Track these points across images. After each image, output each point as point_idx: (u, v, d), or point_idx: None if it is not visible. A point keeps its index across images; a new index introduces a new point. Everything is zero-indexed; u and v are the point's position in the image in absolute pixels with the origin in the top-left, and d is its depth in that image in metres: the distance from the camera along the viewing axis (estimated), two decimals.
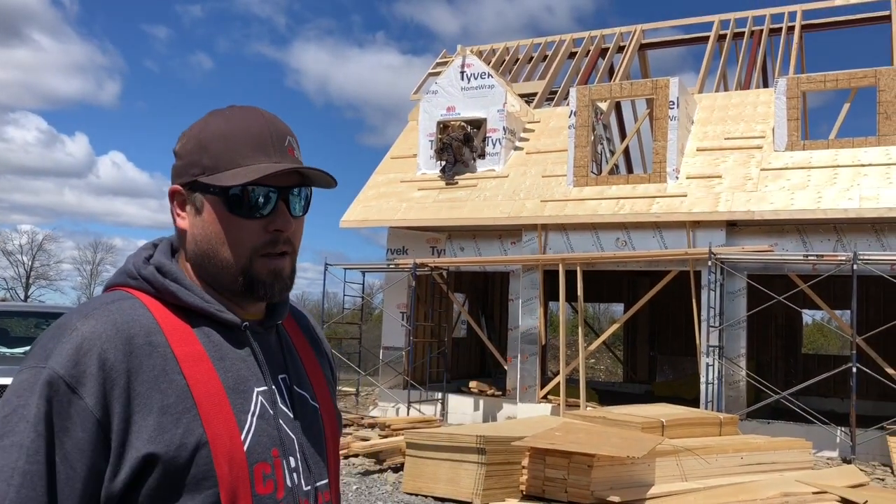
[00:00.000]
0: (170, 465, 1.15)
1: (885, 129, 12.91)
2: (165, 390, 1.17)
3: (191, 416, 1.17)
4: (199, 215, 1.27)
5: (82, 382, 1.12)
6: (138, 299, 1.24)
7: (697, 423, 9.53)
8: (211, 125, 1.29)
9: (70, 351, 1.14)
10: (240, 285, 1.27)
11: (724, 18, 18.72)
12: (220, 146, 1.26)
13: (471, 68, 16.38)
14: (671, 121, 13.96)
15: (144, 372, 1.17)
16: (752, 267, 13.03)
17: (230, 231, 1.26)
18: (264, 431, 1.25)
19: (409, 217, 15.48)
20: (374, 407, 16.18)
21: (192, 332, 1.24)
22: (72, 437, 1.11)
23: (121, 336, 1.17)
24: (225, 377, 1.24)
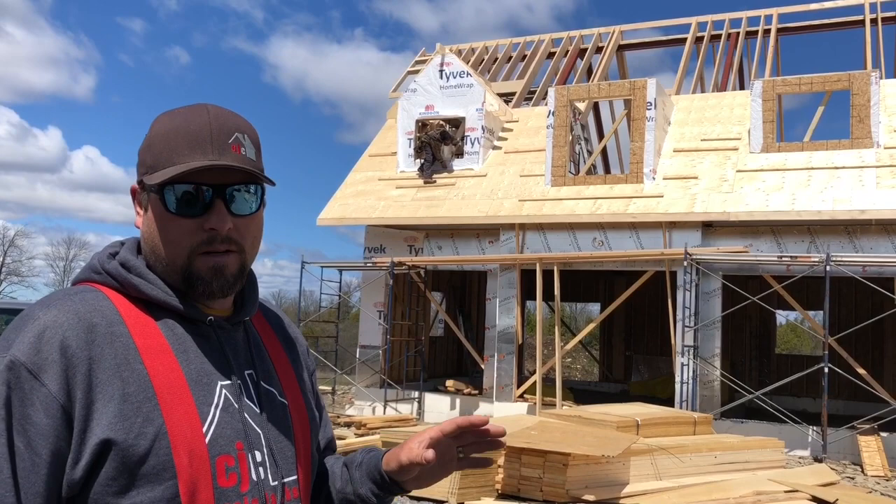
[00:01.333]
0: (127, 452, 1.14)
1: (858, 132, 13.07)
2: (127, 379, 1.17)
3: (151, 406, 1.17)
4: (146, 213, 1.30)
5: (44, 369, 1.13)
6: (101, 292, 1.26)
7: (672, 422, 9.60)
8: (158, 124, 1.31)
9: (31, 339, 1.14)
10: (179, 283, 1.28)
11: (701, 20, 18.86)
12: (160, 145, 1.27)
13: (450, 67, 16.37)
14: (648, 122, 14.04)
15: (106, 360, 1.17)
16: (727, 267, 13.15)
17: (168, 229, 1.27)
18: (228, 424, 1.25)
19: (387, 215, 15.44)
20: (350, 406, 16.13)
21: (156, 324, 1.25)
22: (34, 424, 1.11)
23: (82, 324, 1.18)
24: (188, 369, 1.24)
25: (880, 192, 12.11)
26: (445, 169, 15.89)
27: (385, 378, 15.12)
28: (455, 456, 1.42)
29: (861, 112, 13.07)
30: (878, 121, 13.08)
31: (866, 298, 15.41)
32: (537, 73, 19.19)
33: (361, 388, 15.75)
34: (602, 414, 9.14)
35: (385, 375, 15.21)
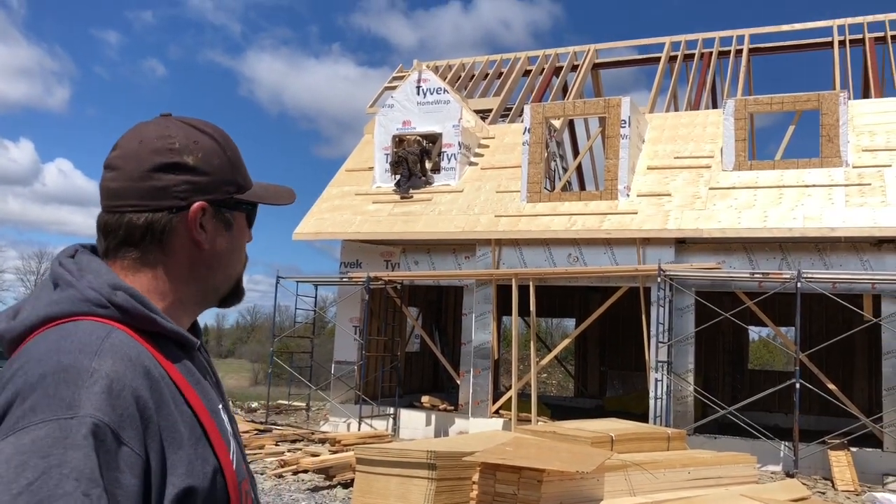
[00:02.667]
0: (202, 496, 1.14)
1: (827, 151, 13.31)
2: (184, 422, 1.16)
3: (204, 445, 1.17)
4: (229, 231, 1.31)
5: (124, 426, 1.06)
6: (121, 330, 1.17)
7: (646, 437, 9.64)
8: (224, 140, 1.32)
9: (102, 395, 1.05)
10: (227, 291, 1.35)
11: (675, 40, 19.14)
12: (242, 164, 1.34)
13: (427, 83, 16.44)
14: (623, 139, 14.19)
15: (166, 405, 1.13)
16: (701, 284, 13.28)
17: (245, 243, 1.36)
18: (237, 450, 1.28)
19: (364, 230, 15.42)
20: (325, 422, 16.01)
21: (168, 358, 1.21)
22: (124, 487, 1.04)
23: (140, 371, 1.12)
24: (206, 401, 1.23)
25: (849, 211, 12.33)
26: (422, 184, 15.93)
27: (360, 394, 15.06)
28: None
29: (830, 131, 13.31)
30: (847, 140, 13.33)
31: (836, 315, 15.63)
32: (513, 90, 19.35)
33: (336, 405, 15.66)
34: (577, 430, 9.16)
35: (360, 391, 15.14)
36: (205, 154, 1.27)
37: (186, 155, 1.25)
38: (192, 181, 1.25)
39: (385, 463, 8.38)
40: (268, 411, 16.64)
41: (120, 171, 1.24)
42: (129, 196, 1.23)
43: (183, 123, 1.29)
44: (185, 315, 1.31)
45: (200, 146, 1.27)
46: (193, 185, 1.25)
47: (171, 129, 1.27)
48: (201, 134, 1.28)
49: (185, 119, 1.31)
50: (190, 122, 1.30)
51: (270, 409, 16.89)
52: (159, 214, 1.23)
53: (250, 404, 20.28)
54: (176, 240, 1.25)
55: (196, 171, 1.25)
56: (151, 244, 1.24)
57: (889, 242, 12.34)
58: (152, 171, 1.23)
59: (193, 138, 1.27)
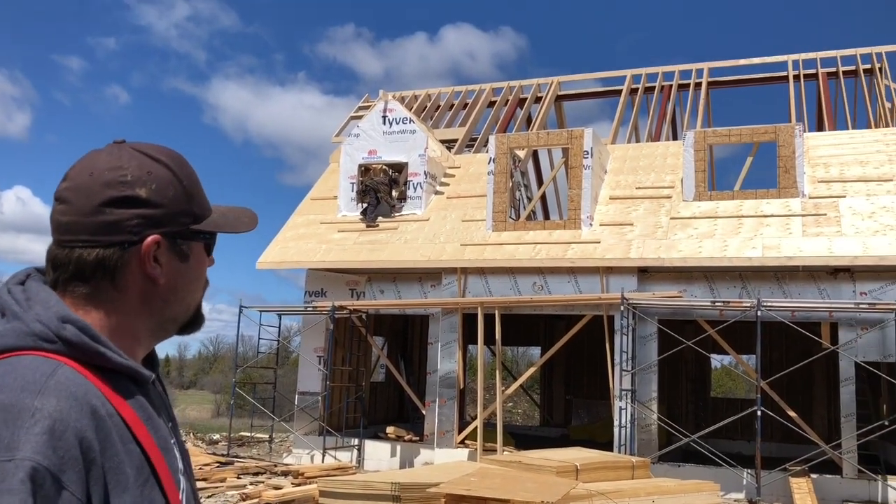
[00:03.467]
0: None
1: (784, 182, 13.63)
2: (131, 462, 1.12)
3: (151, 486, 1.14)
4: (185, 262, 1.27)
5: (64, 470, 1.01)
6: (68, 366, 1.12)
7: (611, 466, 9.66)
8: (179, 168, 1.27)
9: (43, 436, 1.01)
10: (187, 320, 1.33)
11: (636, 73, 19.54)
12: (199, 192, 1.29)
13: (393, 113, 16.54)
14: (585, 170, 14.39)
15: (112, 446, 1.09)
16: (663, 312, 13.43)
17: (204, 273, 1.33)
18: (187, 488, 1.25)
19: (329, 259, 15.36)
20: (288, 454, 15.78)
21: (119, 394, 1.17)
22: None
23: (86, 410, 1.07)
24: (157, 437, 1.19)
25: (806, 240, 12.61)
26: (389, 213, 15.95)
27: (324, 425, 14.88)
28: None
29: (787, 163, 13.65)
30: (803, 172, 13.68)
31: (796, 343, 15.88)
32: (478, 120, 19.54)
33: (300, 436, 15.45)
34: (542, 459, 9.15)
35: (324, 422, 14.96)
36: (158, 185, 1.23)
37: (139, 187, 1.21)
38: (145, 215, 1.21)
39: (349, 496, 8.28)
40: (229, 443, 16.35)
41: (70, 204, 1.20)
42: (79, 231, 1.19)
43: (136, 152, 1.24)
44: (141, 347, 1.28)
45: (154, 177, 1.23)
46: (146, 218, 1.21)
47: (123, 159, 1.22)
48: (155, 163, 1.24)
49: (138, 146, 1.26)
50: (144, 150, 1.25)
51: (232, 441, 16.61)
52: (111, 250, 1.19)
53: (212, 436, 19.91)
54: (129, 275, 1.22)
55: (149, 204, 1.21)
56: (103, 280, 1.20)
57: (844, 271, 12.63)
58: (103, 206, 1.19)
59: (147, 168, 1.23)
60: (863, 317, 12.43)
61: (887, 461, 13.63)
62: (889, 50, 17.82)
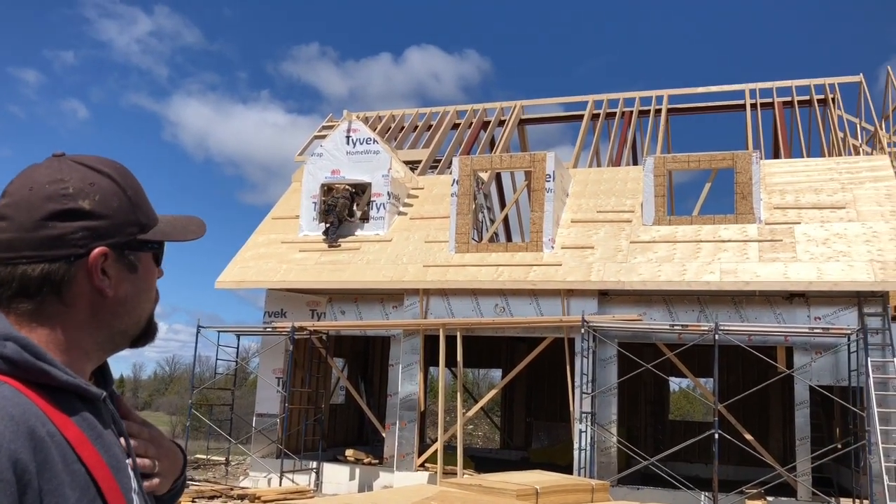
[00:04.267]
0: None
1: (741, 208, 13.89)
2: (72, 484, 1.07)
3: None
4: (134, 273, 1.24)
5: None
6: (8, 384, 1.08)
7: (570, 489, 9.64)
8: (123, 178, 1.24)
9: None
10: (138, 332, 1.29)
11: (597, 99, 19.82)
12: (144, 201, 1.27)
13: (356, 133, 16.53)
14: (548, 193, 14.51)
15: (51, 467, 1.04)
16: (623, 335, 13.53)
17: (154, 283, 1.29)
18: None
19: (290, 279, 15.21)
20: (244, 477, 15.48)
21: (64, 413, 1.13)
22: None
23: (22, 431, 1.03)
24: (107, 457, 1.15)
25: (762, 265, 12.83)
26: (350, 231, 15.88)
27: (282, 448, 14.64)
28: None
29: (744, 189, 13.92)
30: (760, 198, 13.96)
31: (752, 366, 16.12)
32: (442, 142, 19.62)
33: (257, 459, 15.18)
34: (502, 482, 9.10)
35: (282, 445, 14.73)
36: (102, 196, 1.20)
37: (82, 199, 1.18)
38: (90, 227, 1.18)
39: None
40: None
41: (10, 220, 1.15)
42: (21, 247, 1.15)
43: (77, 164, 1.21)
44: (90, 363, 1.23)
45: (97, 188, 1.20)
46: (91, 230, 1.18)
47: (63, 171, 1.19)
48: (97, 174, 1.21)
49: (79, 158, 1.23)
50: (85, 161, 1.23)
51: (188, 464, 16.24)
52: (57, 264, 1.16)
53: None
54: (76, 289, 1.18)
55: (93, 216, 1.19)
56: (49, 295, 1.17)
57: (799, 296, 12.88)
58: (46, 220, 1.15)
59: (89, 180, 1.20)
60: (817, 341, 12.67)
61: (840, 484, 13.84)
62: (841, 81, 18.36)
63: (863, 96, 17.82)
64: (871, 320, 12.46)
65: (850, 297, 12.62)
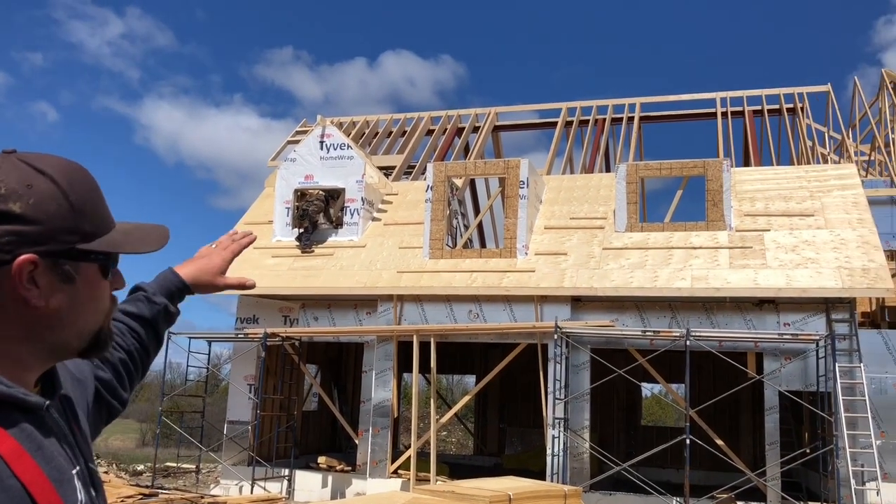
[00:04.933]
0: None
1: (712, 215, 14.04)
2: (9, 499, 1.02)
3: None
4: (69, 284, 1.15)
5: None
6: None
7: (543, 496, 9.65)
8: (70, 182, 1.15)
9: None
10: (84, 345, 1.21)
11: (570, 106, 19.95)
12: (92, 208, 1.17)
13: (330, 138, 16.47)
14: (521, 199, 14.56)
15: None
16: (595, 341, 13.60)
17: (100, 297, 1.20)
18: None
19: (262, 285, 15.07)
20: (215, 485, 15.32)
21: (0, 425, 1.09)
22: None
23: None
24: (48, 469, 1.09)
25: (733, 272, 12.97)
26: (325, 236, 15.79)
27: (254, 455, 14.50)
28: None
29: (715, 196, 14.07)
30: (730, 205, 14.12)
31: (723, 372, 16.26)
32: (417, 148, 19.63)
33: (228, 466, 15.02)
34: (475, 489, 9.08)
35: (254, 452, 14.59)
36: (37, 200, 1.12)
37: (13, 202, 1.10)
38: (19, 231, 1.10)
39: None
40: (154, 474, 15.78)
41: None
42: None
43: (21, 163, 1.14)
44: (28, 372, 1.17)
45: (34, 191, 1.12)
46: (20, 235, 1.10)
47: (2, 171, 1.12)
48: (39, 176, 1.13)
49: (26, 157, 1.16)
50: (30, 161, 1.15)
51: (158, 472, 16.03)
52: None
53: (136, 467, 19.21)
54: (2, 297, 1.11)
55: (24, 220, 1.11)
56: None
57: (769, 303, 13.03)
58: None
59: (27, 181, 1.12)
60: (786, 347, 12.83)
61: (808, 488, 14.01)
62: (810, 91, 18.66)
63: (831, 106, 18.14)
64: (838, 326, 12.64)
65: (819, 304, 12.80)
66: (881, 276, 12.31)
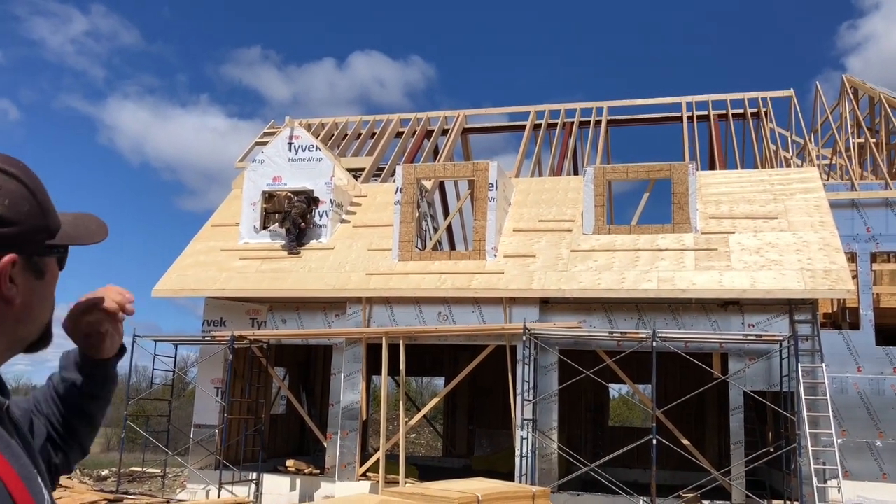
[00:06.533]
0: None
1: (678, 217, 14.22)
2: None
3: None
4: (40, 279, 1.18)
5: None
6: None
7: (512, 496, 9.69)
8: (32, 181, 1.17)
9: None
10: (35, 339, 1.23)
11: (539, 109, 20.07)
12: (50, 203, 1.20)
13: (299, 140, 16.38)
14: (490, 202, 14.61)
15: None
16: (563, 342, 13.69)
17: (54, 289, 1.24)
18: None
19: (230, 287, 14.96)
20: (182, 489, 15.14)
21: None
22: None
23: None
24: (18, 467, 1.09)
25: (698, 273, 13.15)
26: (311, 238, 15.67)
27: (221, 459, 14.36)
28: None
29: (681, 199, 14.25)
30: (696, 208, 14.31)
31: (689, 373, 16.46)
32: (386, 150, 19.60)
33: (195, 471, 14.85)
34: (444, 491, 9.09)
35: (221, 456, 14.44)
36: (12, 201, 1.13)
37: None
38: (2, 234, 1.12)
39: None
40: (119, 479, 15.55)
41: None
42: None
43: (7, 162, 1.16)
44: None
45: (6, 192, 1.13)
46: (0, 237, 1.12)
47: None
48: (6, 178, 1.14)
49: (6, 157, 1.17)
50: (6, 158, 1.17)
51: (123, 477, 15.80)
52: None
53: (100, 472, 18.90)
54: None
55: (2, 222, 1.12)
56: None
57: (734, 304, 13.23)
58: None
59: None
60: (750, 348, 13.03)
61: (772, 486, 14.23)
62: (774, 95, 18.97)
63: (793, 110, 18.46)
64: (801, 327, 12.87)
65: (782, 305, 13.02)
66: (842, 277, 12.56)
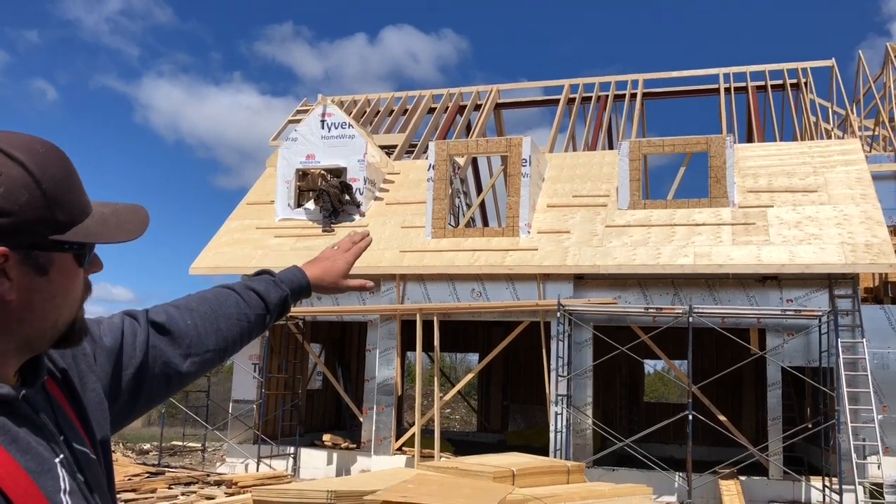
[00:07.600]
0: None
1: (715, 191, 14.01)
2: None
3: None
4: (44, 276, 1.10)
5: None
6: None
7: (546, 471, 9.73)
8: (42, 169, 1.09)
9: None
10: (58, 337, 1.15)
11: (573, 83, 19.83)
12: (67, 196, 1.11)
13: (331, 117, 16.41)
14: (524, 178, 14.52)
15: None
16: (598, 318, 13.63)
17: (75, 287, 1.15)
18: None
19: (265, 265, 15.10)
20: (221, 463, 15.45)
21: None
22: None
23: None
24: (25, 461, 1.07)
25: (735, 248, 12.97)
26: (347, 218, 15.78)
27: (259, 433, 14.61)
28: None
29: (718, 173, 14.03)
30: (733, 182, 14.08)
31: (726, 348, 16.31)
32: (418, 126, 19.56)
33: (234, 445, 15.14)
34: (479, 465, 9.16)
35: (259, 431, 14.70)
36: (7, 189, 1.05)
37: None
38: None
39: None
40: (160, 453, 15.92)
41: None
42: None
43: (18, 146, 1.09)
44: (6, 366, 1.13)
45: (3, 179, 1.06)
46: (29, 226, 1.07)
47: None
48: (11, 162, 1.07)
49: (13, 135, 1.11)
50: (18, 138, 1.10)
51: (164, 451, 16.17)
52: None
53: (142, 446, 19.37)
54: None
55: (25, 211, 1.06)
56: None
57: (772, 279, 13.04)
58: None
59: None
60: (789, 323, 12.85)
61: (810, 462, 14.10)
62: (814, 66, 18.52)
63: (834, 81, 18.02)
64: (841, 302, 12.65)
65: (822, 280, 12.80)
66: (884, 251, 12.30)
